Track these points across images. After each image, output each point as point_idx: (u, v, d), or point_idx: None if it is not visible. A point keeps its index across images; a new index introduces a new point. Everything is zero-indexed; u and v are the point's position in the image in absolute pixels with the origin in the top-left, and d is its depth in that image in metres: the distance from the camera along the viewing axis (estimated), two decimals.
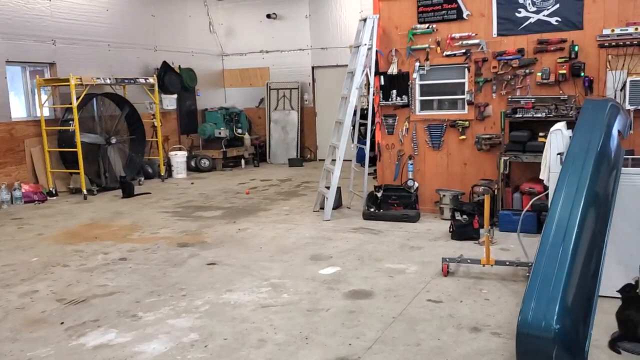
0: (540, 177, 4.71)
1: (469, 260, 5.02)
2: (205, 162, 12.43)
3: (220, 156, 12.58)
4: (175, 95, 12.47)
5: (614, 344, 3.47)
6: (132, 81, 10.74)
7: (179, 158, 11.81)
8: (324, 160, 8.25)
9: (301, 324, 4.08)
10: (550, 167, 4.50)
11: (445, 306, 4.33)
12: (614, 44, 6.30)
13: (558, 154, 4.42)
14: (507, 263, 4.91)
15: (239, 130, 13.12)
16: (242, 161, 12.96)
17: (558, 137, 4.45)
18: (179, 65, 12.59)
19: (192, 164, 12.35)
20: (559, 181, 3.84)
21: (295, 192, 9.53)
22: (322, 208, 7.69)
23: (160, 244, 6.45)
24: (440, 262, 5.10)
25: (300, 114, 13.56)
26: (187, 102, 13.04)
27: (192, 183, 10.98)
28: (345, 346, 3.70)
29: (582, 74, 6.43)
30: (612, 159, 4.09)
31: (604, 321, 3.71)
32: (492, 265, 4.90)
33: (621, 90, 6.31)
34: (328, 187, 7.56)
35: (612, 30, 6.29)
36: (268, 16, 13.59)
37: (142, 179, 10.95)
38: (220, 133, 12.63)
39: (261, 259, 5.73)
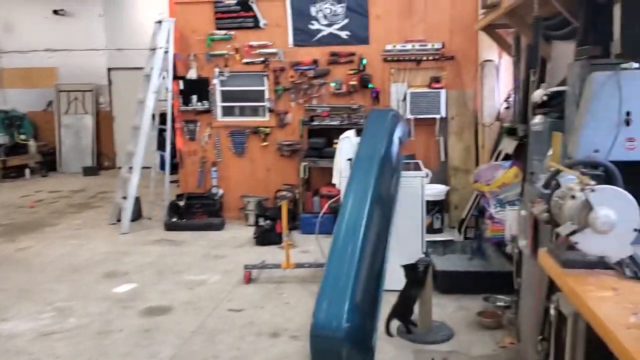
0: (333, 181, 4.96)
1: (270, 266, 5.08)
2: None
3: None
4: None
5: (387, 325, 3.74)
6: None
7: None
8: None
9: (89, 349, 3.74)
10: (341, 172, 4.75)
11: (246, 314, 4.31)
12: (395, 58, 6.91)
13: (348, 159, 4.69)
14: (306, 265, 5.07)
15: (22, 136, 11.75)
16: (27, 171, 11.62)
17: (347, 144, 4.72)
18: None
19: None
20: (347, 185, 4.06)
21: (89, 204, 8.82)
22: (119, 220, 7.21)
23: None
24: (243, 269, 5.08)
25: (96, 119, 12.62)
26: None
27: None
28: None
29: (370, 85, 6.94)
30: (394, 163, 4.45)
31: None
32: (292, 268, 5.02)
33: (403, 100, 6.94)
34: (125, 198, 7.13)
35: (394, 46, 6.89)
36: (55, 12, 12.41)
37: None
38: None
39: (45, 281, 5.15)
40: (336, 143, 6.80)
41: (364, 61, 6.93)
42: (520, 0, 3.81)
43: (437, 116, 6.76)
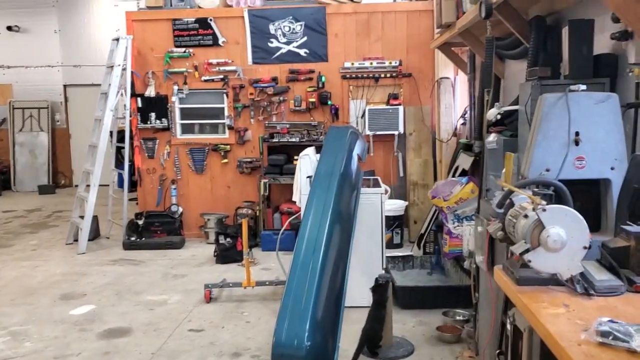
0: (293, 199, 4.98)
1: (230, 284, 5.05)
2: None
3: None
4: None
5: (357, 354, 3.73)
6: None
7: None
8: None
9: None
10: (301, 189, 4.78)
11: (206, 334, 4.27)
12: (354, 76, 7.02)
13: (307, 177, 4.73)
14: (267, 283, 5.06)
15: None
16: None
17: (307, 162, 4.76)
18: None
19: None
20: (307, 202, 4.08)
21: (45, 224, 8.58)
22: (76, 240, 7.04)
23: None
24: (204, 288, 5.03)
25: (52, 136, 12.32)
26: None
27: None
28: None
29: (329, 102, 7.02)
30: (353, 180, 4.50)
31: (351, 330, 4.01)
32: (253, 287, 4.99)
33: (362, 117, 7.04)
34: (82, 217, 6.97)
35: (352, 64, 7.00)
36: (9, 28, 12.13)
37: None
38: None
39: None
40: (296, 160, 6.86)
41: (323, 78, 7.01)
42: (473, 22, 3.94)
43: (396, 132, 6.88)
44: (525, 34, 3.38)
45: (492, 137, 3.17)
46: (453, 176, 5.76)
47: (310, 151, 4.98)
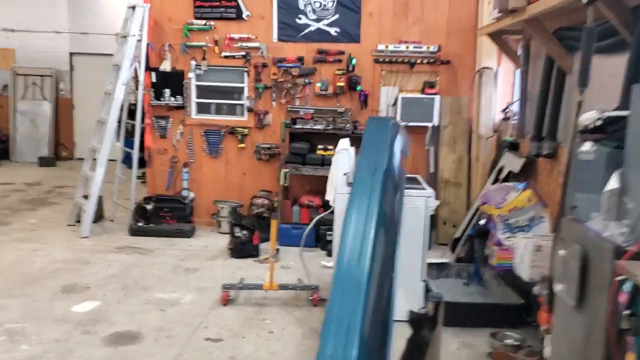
0: (327, 197, 4.47)
1: (251, 287, 4.57)
2: None
3: None
4: None
5: None
6: None
7: None
8: (82, 159, 7.09)
9: None
10: (336, 188, 4.28)
11: (225, 345, 3.80)
12: (387, 60, 6.47)
13: (344, 174, 4.22)
14: (290, 287, 4.58)
15: None
16: None
17: (344, 157, 4.25)
18: None
19: None
20: (349, 207, 3.58)
21: (45, 200, 8.08)
22: (78, 221, 6.56)
23: None
24: (219, 286, 4.57)
25: (55, 106, 11.76)
26: None
27: None
28: None
29: (359, 88, 6.48)
30: (396, 180, 4.01)
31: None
32: (275, 290, 4.52)
33: (393, 105, 6.51)
34: (86, 197, 6.48)
35: (386, 47, 6.44)
36: None
37: None
38: None
39: None
40: (320, 149, 6.39)
41: (354, 61, 6.46)
42: (553, 8, 3.40)
43: (430, 124, 6.35)
44: (626, 24, 2.85)
45: (587, 147, 2.66)
46: (496, 178, 5.27)
47: (347, 144, 4.47)
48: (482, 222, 5.30)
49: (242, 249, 5.69)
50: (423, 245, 4.20)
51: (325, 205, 6.33)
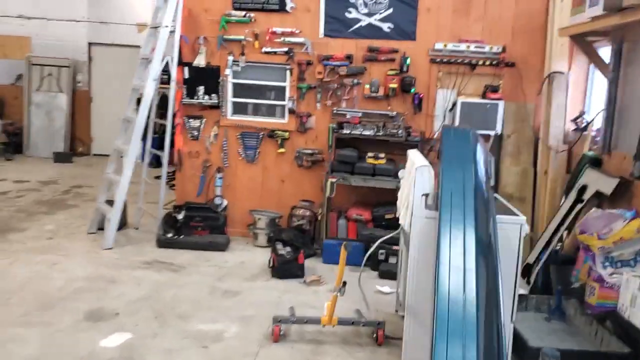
0: (400, 221, 3.85)
1: (306, 320, 3.97)
2: None
3: None
4: None
5: None
6: None
7: None
8: (99, 155, 6.54)
9: None
10: (412, 210, 3.65)
11: None
12: (445, 60, 5.85)
13: (423, 195, 3.60)
14: (352, 322, 3.98)
15: None
16: None
17: (425, 175, 3.62)
18: None
19: None
20: (440, 230, 2.99)
21: (62, 202, 7.51)
22: (100, 229, 5.99)
23: None
24: (265, 315, 4.01)
25: (72, 99, 11.19)
26: None
27: None
28: None
29: (413, 90, 5.86)
30: (487, 200, 3.40)
31: None
32: (333, 326, 3.92)
33: (450, 110, 5.89)
34: (108, 202, 5.91)
35: (445, 46, 5.82)
36: None
37: None
38: None
39: (8, 321, 3.94)
40: (370, 157, 5.77)
41: (408, 60, 5.84)
42: None
43: (492, 132, 5.73)
44: None
45: None
46: (578, 198, 4.64)
47: (421, 159, 3.84)
48: (557, 247, 4.71)
49: (285, 269, 5.08)
50: (515, 281, 3.58)
51: (375, 220, 5.74)
